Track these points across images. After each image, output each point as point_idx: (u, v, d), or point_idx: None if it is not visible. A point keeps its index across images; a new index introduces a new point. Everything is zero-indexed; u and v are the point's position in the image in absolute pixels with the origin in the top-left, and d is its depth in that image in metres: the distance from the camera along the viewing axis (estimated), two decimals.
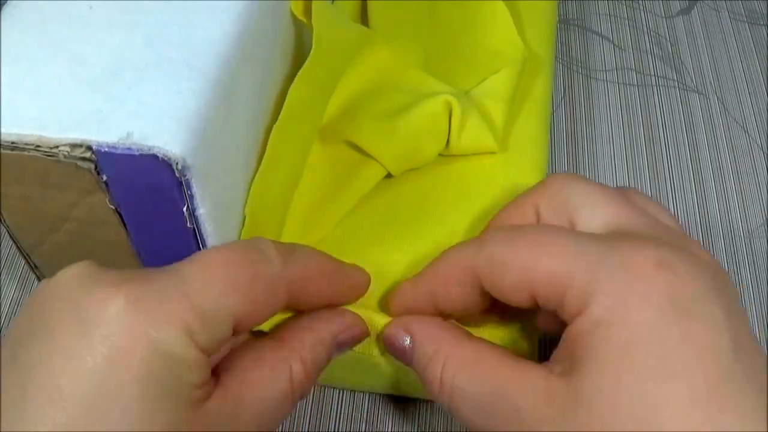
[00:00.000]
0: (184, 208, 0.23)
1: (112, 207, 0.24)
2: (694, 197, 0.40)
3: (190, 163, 0.22)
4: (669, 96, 0.45)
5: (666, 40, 0.47)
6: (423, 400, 0.33)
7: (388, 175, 0.34)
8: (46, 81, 0.23)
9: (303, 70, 0.29)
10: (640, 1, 0.49)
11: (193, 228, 0.24)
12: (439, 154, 0.35)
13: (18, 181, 0.24)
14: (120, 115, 0.22)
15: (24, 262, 0.29)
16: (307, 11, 0.30)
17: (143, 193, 0.23)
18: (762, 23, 0.48)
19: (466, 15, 0.40)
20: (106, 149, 0.22)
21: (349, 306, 0.28)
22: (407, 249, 0.32)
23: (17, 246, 0.28)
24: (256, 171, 0.28)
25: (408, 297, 0.28)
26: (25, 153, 0.22)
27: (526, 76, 0.38)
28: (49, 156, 0.22)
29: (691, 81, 0.45)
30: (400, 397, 0.33)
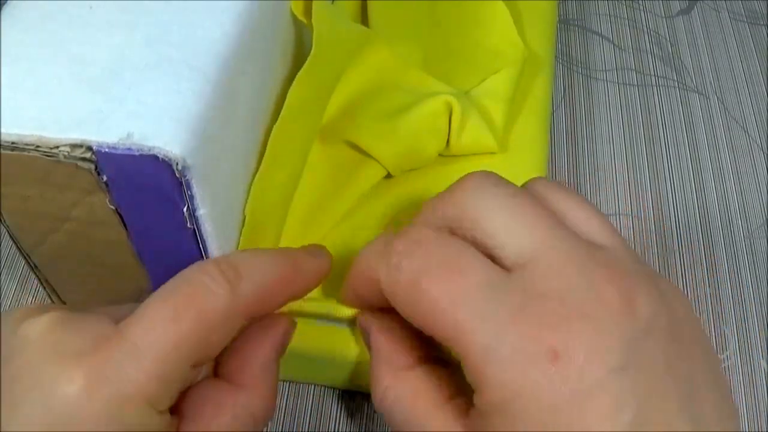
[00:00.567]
0: (184, 209, 0.23)
1: (112, 207, 0.24)
2: (694, 197, 0.40)
3: (190, 164, 0.22)
4: (669, 96, 0.45)
5: (666, 40, 0.47)
6: None
7: (388, 176, 0.34)
8: (46, 81, 0.23)
9: (303, 70, 0.29)
10: (640, 1, 0.49)
11: (193, 228, 0.24)
12: (439, 155, 0.35)
13: (18, 181, 0.24)
14: (120, 115, 0.22)
15: (24, 262, 0.29)
16: (308, 11, 0.30)
17: (143, 193, 0.23)
18: (762, 23, 0.48)
19: (466, 15, 0.40)
20: (107, 149, 0.22)
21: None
22: None
23: (17, 246, 0.28)
24: (256, 171, 0.28)
25: (344, 292, 0.28)
26: (25, 153, 0.22)
27: (526, 76, 0.38)
28: (49, 156, 0.22)
29: (691, 81, 0.45)
30: None
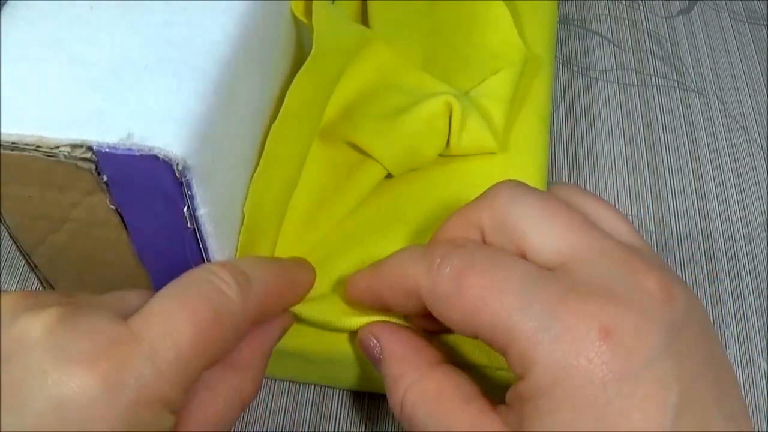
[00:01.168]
0: (185, 209, 0.23)
1: (113, 207, 0.24)
2: (694, 197, 0.40)
3: (190, 164, 0.22)
4: (669, 96, 0.45)
5: (666, 40, 0.47)
6: None
7: (389, 176, 0.34)
8: (47, 81, 0.23)
9: (303, 70, 0.29)
10: (640, 1, 0.49)
11: (194, 228, 0.24)
12: (440, 155, 0.35)
13: (18, 181, 0.24)
14: (120, 115, 0.22)
15: (24, 262, 0.29)
16: (308, 12, 0.30)
17: (144, 193, 0.23)
18: (762, 23, 0.48)
19: (466, 15, 0.40)
20: (107, 150, 0.22)
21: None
22: None
23: (17, 246, 0.28)
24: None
25: (360, 292, 0.28)
26: (26, 153, 0.22)
27: (526, 77, 0.38)
28: (49, 156, 0.22)
29: (691, 81, 0.45)
30: None
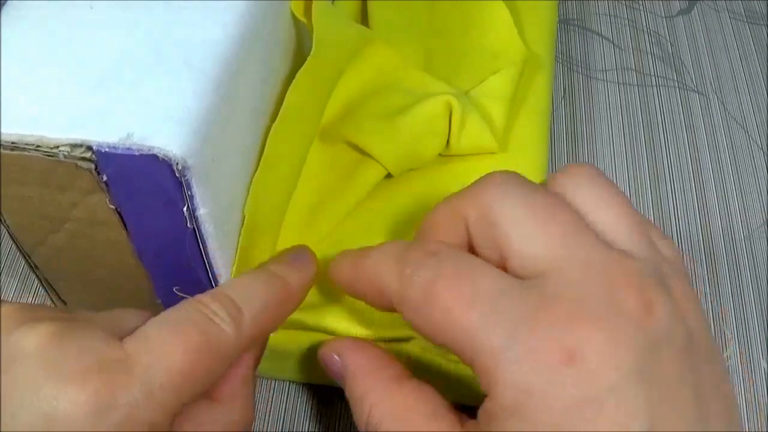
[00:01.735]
0: (184, 209, 0.23)
1: (113, 207, 0.24)
2: (694, 197, 0.40)
3: (190, 164, 0.22)
4: (669, 96, 0.45)
5: (666, 40, 0.47)
6: None
7: (388, 176, 0.34)
8: (47, 81, 0.23)
9: (302, 70, 0.29)
10: (640, 1, 0.49)
11: (194, 228, 0.24)
12: (440, 155, 0.35)
13: (18, 181, 0.24)
14: (120, 115, 0.22)
15: (24, 261, 0.29)
16: (308, 11, 0.30)
17: (143, 193, 0.23)
18: (762, 23, 0.48)
19: (466, 15, 0.40)
20: (107, 149, 0.22)
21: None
22: None
23: (17, 246, 0.28)
24: (256, 171, 0.28)
25: (341, 280, 0.27)
26: (26, 153, 0.22)
27: (526, 77, 0.38)
28: (49, 156, 0.22)
29: (691, 81, 0.45)
30: None
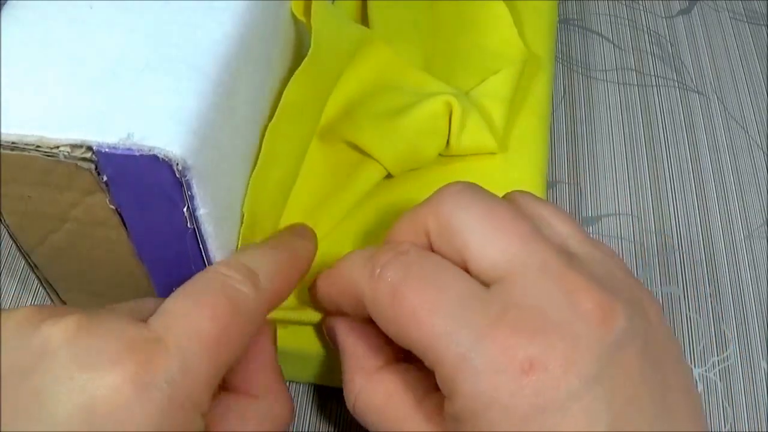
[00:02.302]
0: (185, 209, 0.23)
1: (113, 207, 0.24)
2: (694, 197, 0.40)
3: (190, 164, 0.22)
4: (669, 96, 0.45)
5: (666, 40, 0.47)
6: None
7: (388, 176, 0.34)
8: (47, 81, 0.23)
9: (300, 69, 0.29)
10: (640, 1, 0.49)
11: (194, 228, 0.24)
12: (439, 155, 0.35)
13: (18, 181, 0.24)
14: (120, 115, 0.22)
15: (24, 261, 0.29)
16: (308, 11, 0.30)
17: (143, 193, 0.23)
18: (762, 23, 0.48)
19: (466, 15, 0.40)
20: (107, 149, 0.22)
21: None
22: None
23: (17, 246, 0.28)
24: None
25: (319, 298, 0.28)
26: (26, 153, 0.22)
27: (526, 77, 0.38)
28: (49, 156, 0.22)
29: (691, 81, 0.45)
30: None
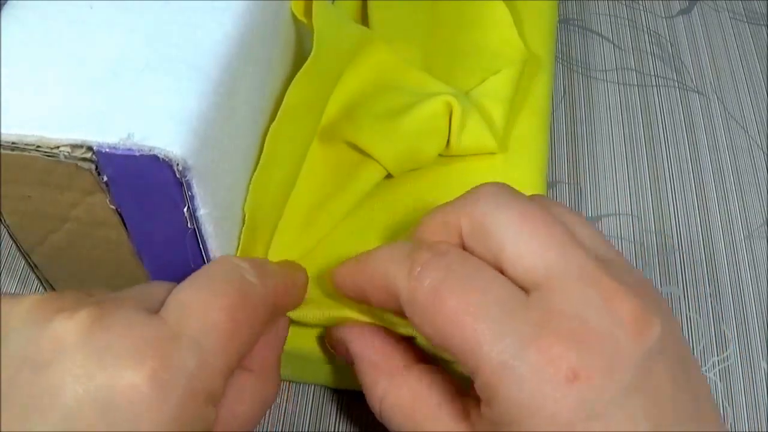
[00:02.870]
0: (185, 209, 0.23)
1: (113, 207, 0.24)
2: (694, 197, 0.40)
3: (191, 164, 0.22)
4: (669, 96, 0.45)
5: (666, 40, 0.47)
6: None
7: (388, 176, 0.34)
8: (47, 81, 0.23)
9: (303, 70, 0.29)
10: (640, 1, 0.49)
11: (194, 228, 0.24)
12: (440, 155, 0.35)
13: (18, 181, 0.24)
14: (121, 115, 0.22)
15: (24, 261, 0.29)
16: (308, 11, 0.30)
17: (144, 193, 0.23)
18: (762, 23, 0.48)
19: (466, 15, 0.40)
20: (107, 150, 0.22)
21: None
22: None
23: (17, 246, 0.28)
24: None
25: (344, 284, 0.28)
26: (26, 153, 0.22)
27: (526, 77, 0.38)
28: (49, 156, 0.22)
29: (691, 81, 0.45)
30: None
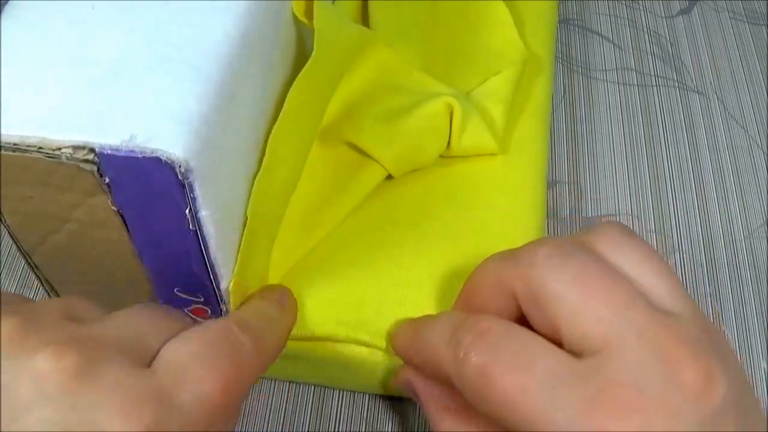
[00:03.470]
0: (187, 211, 0.23)
1: (114, 208, 0.24)
2: (694, 197, 0.40)
3: (193, 166, 0.22)
4: (669, 96, 0.45)
5: (666, 40, 0.47)
6: None
7: (389, 177, 0.34)
8: (48, 82, 0.23)
9: (304, 71, 0.29)
10: (640, 1, 0.49)
11: (195, 230, 0.24)
12: (440, 156, 0.35)
13: (19, 181, 0.24)
14: (123, 116, 0.22)
15: (24, 261, 0.29)
16: (309, 12, 0.30)
17: (146, 195, 0.23)
18: (762, 23, 0.48)
19: (466, 16, 0.40)
20: (109, 151, 0.22)
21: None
22: (408, 250, 0.32)
23: (17, 246, 0.28)
24: (257, 172, 0.28)
25: (401, 350, 0.29)
26: (27, 154, 0.22)
27: (526, 77, 0.38)
28: (51, 158, 0.22)
29: (691, 81, 0.45)
30: (399, 398, 0.33)
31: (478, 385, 0.23)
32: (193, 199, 0.23)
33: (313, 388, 0.34)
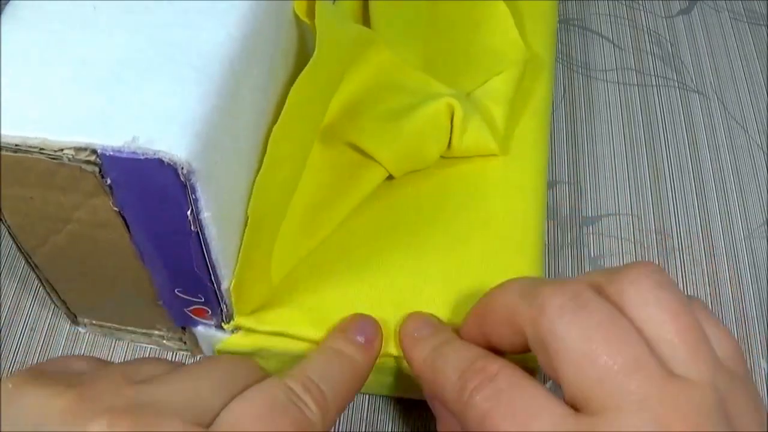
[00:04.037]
0: (188, 212, 0.23)
1: (116, 209, 0.24)
2: (694, 197, 0.40)
3: (195, 167, 0.22)
4: (669, 96, 0.45)
5: (666, 40, 0.47)
6: (422, 401, 0.33)
7: (390, 177, 0.34)
8: (50, 83, 0.23)
9: (305, 71, 0.29)
10: (640, 1, 0.49)
11: (197, 231, 0.24)
12: (441, 156, 0.35)
13: (21, 182, 0.24)
14: (124, 118, 0.22)
15: (24, 262, 0.29)
16: (310, 12, 0.30)
17: (147, 196, 0.23)
18: (762, 23, 0.48)
19: (467, 16, 0.40)
20: (111, 153, 0.22)
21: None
22: (408, 251, 0.32)
23: (18, 246, 0.28)
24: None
25: (417, 374, 0.28)
26: (29, 155, 0.22)
27: (526, 78, 0.38)
28: (53, 159, 0.22)
29: (691, 81, 0.45)
30: (399, 398, 0.33)
31: (480, 425, 0.23)
32: (195, 201, 0.23)
33: None
